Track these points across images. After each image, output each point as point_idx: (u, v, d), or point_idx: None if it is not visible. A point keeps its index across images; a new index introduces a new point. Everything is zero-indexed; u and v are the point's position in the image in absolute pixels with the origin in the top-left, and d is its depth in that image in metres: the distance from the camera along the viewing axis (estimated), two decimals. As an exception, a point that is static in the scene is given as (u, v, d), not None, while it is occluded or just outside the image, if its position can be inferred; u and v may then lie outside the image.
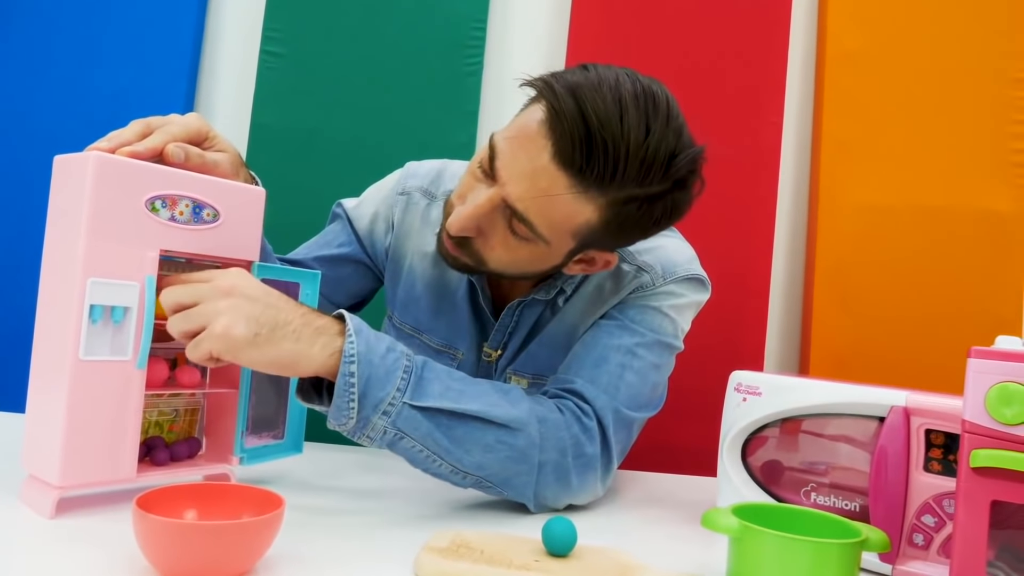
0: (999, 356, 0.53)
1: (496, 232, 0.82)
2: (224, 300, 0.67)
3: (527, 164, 0.77)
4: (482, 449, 0.77)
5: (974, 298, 1.53)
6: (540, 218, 0.79)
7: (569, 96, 0.74)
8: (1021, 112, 1.54)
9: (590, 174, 0.75)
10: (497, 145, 0.80)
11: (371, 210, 1.07)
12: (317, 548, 0.63)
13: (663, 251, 0.95)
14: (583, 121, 0.73)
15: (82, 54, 1.60)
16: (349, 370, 0.70)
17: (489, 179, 0.81)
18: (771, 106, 1.58)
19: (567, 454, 0.81)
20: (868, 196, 1.56)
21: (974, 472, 0.53)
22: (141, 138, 0.70)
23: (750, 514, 0.63)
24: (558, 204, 0.77)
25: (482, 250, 0.84)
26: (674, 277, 0.93)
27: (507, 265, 0.86)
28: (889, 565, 0.69)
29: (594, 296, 0.95)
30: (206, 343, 0.66)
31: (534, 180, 0.77)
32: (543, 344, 0.97)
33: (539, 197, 0.77)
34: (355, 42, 1.60)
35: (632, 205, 0.79)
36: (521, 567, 0.59)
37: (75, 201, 0.64)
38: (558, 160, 0.75)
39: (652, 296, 0.92)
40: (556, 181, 0.76)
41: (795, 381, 0.78)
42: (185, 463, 0.76)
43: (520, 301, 0.97)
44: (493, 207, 0.80)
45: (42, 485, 0.65)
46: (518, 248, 0.83)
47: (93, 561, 0.55)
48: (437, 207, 1.03)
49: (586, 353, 0.89)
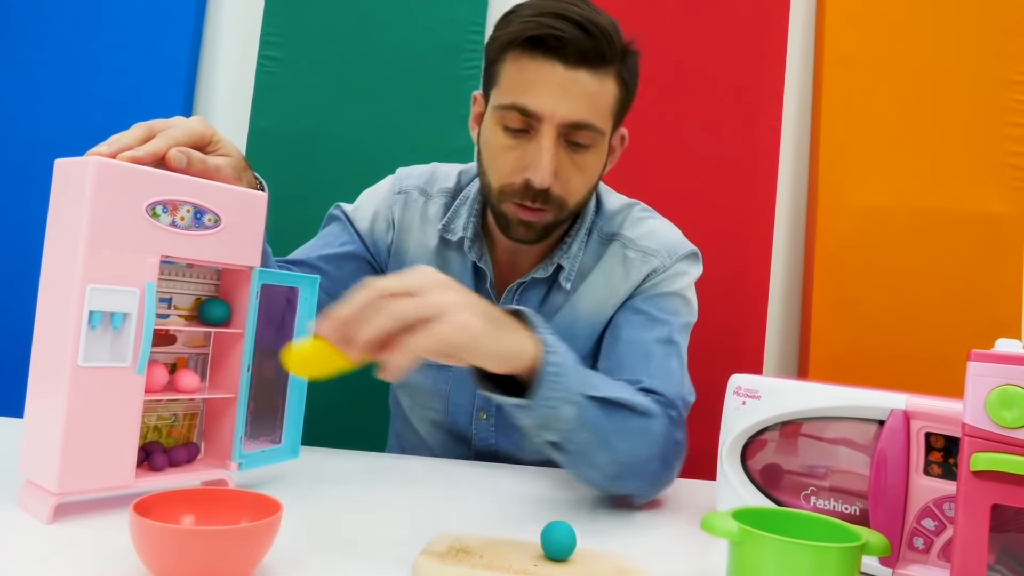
0: (999, 359, 0.53)
1: (565, 164, 0.91)
2: (451, 293, 0.65)
3: (554, 86, 0.87)
4: (631, 434, 0.81)
5: (972, 300, 1.53)
6: (593, 114, 0.89)
7: (537, 18, 0.86)
8: (1018, 115, 1.54)
9: (599, 54, 0.87)
10: (516, 101, 0.89)
11: (371, 211, 1.11)
12: (315, 553, 0.63)
13: (658, 233, 1.04)
14: (567, 21, 0.85)
15: (80, 59, 1.60)
16: (553, 360, 0.72)
17: (528, 132, 0.90)
18: (769, 109, 1.58)
19: (670, 441, 0.87)
20: (866, 199, 1.57)
21: (974, 475, 0.53)
22: (143, 142, 0.70)
23: (750, 518, 0.62)
24: (595, 96, 0.89)
25: (562, 192, 0.92)
26: (678, 256, 1.02)
27: (583, 186, 0.94)
28: (889, 569, 0.68)
29: (605, 286, 1.02)
30: (446, 332, 0.63)
31: (568, 91, 0.87)
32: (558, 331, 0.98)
33: (580, 98, 0.88)
34: (353, 46, 1.61)
35: (625, 69, 0.92)
36: (520, 572, 0.59)
37: (75, 206, 0.64)
38: (572, 63, 0.86)
39: (665, 281, 1.00)
40: (580, 79, 0.87)
41: (794, 384, 0.78)
42: (183, 468, 0.75)
43: (520, 283, 1.02)
44: (557, 141, 0.89)
45: (40, 491, 0.65)
46: (585, 161, 0.92)
47: (91, 566, 0.55)
48: (434, 204, 1.09)
49: (630, 353, 0.95)
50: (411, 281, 0.65)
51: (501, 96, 0.91)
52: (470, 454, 1.12)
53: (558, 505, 0.86)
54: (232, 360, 0.78)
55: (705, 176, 1.57)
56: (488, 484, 0.94)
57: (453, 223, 1.07)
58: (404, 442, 1.22)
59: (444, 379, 1.09)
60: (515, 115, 0.89)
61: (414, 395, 1.14)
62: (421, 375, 1.10)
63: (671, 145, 1.57)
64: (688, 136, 1.58)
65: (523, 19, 0.88)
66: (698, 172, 1.57)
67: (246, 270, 0.76)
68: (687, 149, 1.58)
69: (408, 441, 1.21)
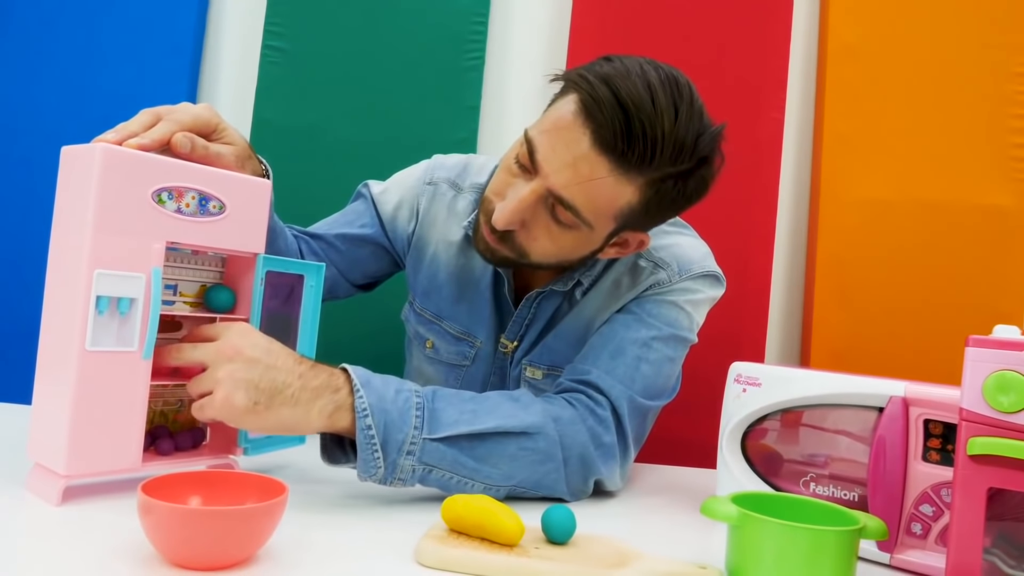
0: (997, 344, 0.54)
1: (539, 223, 0.85)
2: (226, 366, 0.69)
3: (567, 153, 0.80)
4: (508, 460, 0.79)
5: (974, 292, 1.53)
6: (585, 203, 0.82)
7: (603, 85, 0.78)
8: (1021, 107, 1.54)
9: (631, 156, 0.79)
10: (534, 139, 0.83)
11: (396, 197, 1.09)
12: (319, 536, 0.64)
13: (679, 248, 0.99)
14: (620, 107, 0.77)
15: (83, 50, 1.60)
16: (366, 423, 0.72)
17: (528, 173, 0.84)
18: (772, 101, 1.58)
19: (588, 446, 0.84)
20: (869, 190, 1.57)
21: (971, 460, 0.54)
22: (149, 128, 0.71)
23: (749, 502, 0.63)
24: (601, 188, 0.81)
25: (524, 242, 0.87)
26: (690, 274, 0.96)
27: (550, 254, 0.88)
28: (887, 554, 0.69)
29: (611, 291, 0.98)
30: (208, 410, 0.69)
31: (576, 168, 0.80)
32: (559, 337, 1.00)
33: (583, 183, 0.81)
34: (357, 37, 1.61)
35: (668, 183, 0.83)
36: (520, 554, 0.60)
37: (82, 193, 0.65)
38: (599, 146, 0.79)
39: (668, 292, 0.96)
40: (598, 166, 0.80)
41: (795, 372, 0.79)
42: (189, 453, 0.76)
43: (539, 292, 1.00)
44: (537, 199, 0.83)
45: (48, 474, 0.66)
46: (561, 236, 0.86)
47: (99, 548, 0.56)
48: (463, 199, 1.06)
49: (603, 345, 0.92)
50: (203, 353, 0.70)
51: (536, 123, 0.86)
52: None
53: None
54: (237, 346, 0.78)
55: (708, 167, 1.57)
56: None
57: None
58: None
59: (455, 378, 1.09)
60: (526, 150, 0.84)
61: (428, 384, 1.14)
62: (434, 369, 1.10)
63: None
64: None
65: (596, 75, 0.79)
66: (701, 163, 1.57)
67: (251, 256, 0.77)
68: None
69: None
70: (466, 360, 1.06)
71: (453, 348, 1.07)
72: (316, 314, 0.84)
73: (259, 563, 0.56)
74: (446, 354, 1.08)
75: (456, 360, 1.07)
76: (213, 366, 0.69)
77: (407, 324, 1.14)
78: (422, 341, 1.11)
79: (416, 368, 1.15)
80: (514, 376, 1.04)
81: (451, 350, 1.07)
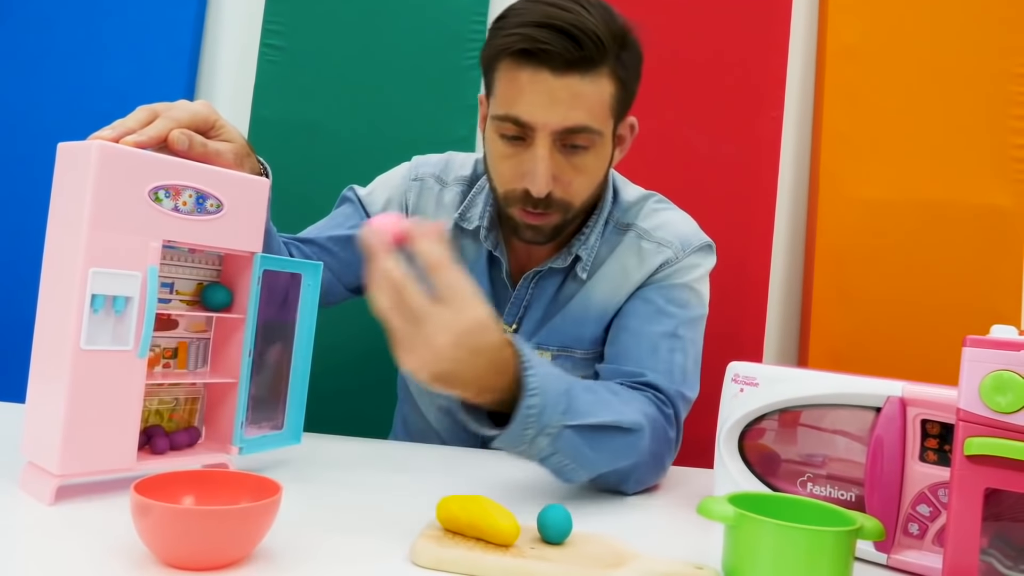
0: (994, 345, 0.54)
1: (564, 168, 0.91)
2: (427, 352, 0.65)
3: (543, 95, 0.87)
4: (612, 453, 0.82)
5: (973, 292, 1.53)
6: (586, 117, 0.88)
7: (521, 28, 0.86)
8: (1021, 107, 1.54)
9: (587, 57, 0.86)
10: (509, 112, 0.89)
11: (384, 196, 1.12)
12: (314, 536, 0.63)
13: (674, 225, 1.05)
14: (550, 30, 0.84)
15: (82, 48, 1.61)
16: (530, 403, 0.71)
17: (524, 140, 0.90)
18: (771, 100, 1.58)
19: (662, 442, 0.89)
20: (868, 190, 1.57)
21: (968, 460, 0.54)
22: (146, 125, 0.71)
23: (746, 503, 0.63)
24: (587, 98, 0.88)
25: (564, 194, 0.93)
26: (692, 248, 1.02)
27: (587, 187, 0.94)
28: (884, 554, 0.69)
29: (619, 275, 1.03)
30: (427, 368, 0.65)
31: (558, 99, 0.87)
32: (568, 318, 1.04)
33: (572, 104, 0.87)
34: (355, 35, 1.60)
35: (623, 57, 0.91)
36: (516, 554, 0.59)
37: (78, 190, 0.65)
38: (560, 70, 0.86)
39: (676, 272, 1.01)
40: (571, 84, 0.87)
41: (792, 372, 0.78)
42: (184, 452, 0.76)
43: (536, 272, 1.04)
44: (551, 148, 0.89)
45: (42, 472, 0.65)
46: (585, 162, 0.92)
47: (92, 547, 0.56)
48: (450, 191, 1.10)
49: (637, 344, 0.97)
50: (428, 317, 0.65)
51: (496, 106, 0.91)
52: (477, 441, 1.14)
53: (555, 490, 0.86)
54: (233, 345, 0.78)
55: (707, 167, 1.57)
56: (487, 470, 0.94)
57: (470, 212, 1.07)
58: (411, 427, 1.23)
59: None
60: (510, 125, 0.89)
61: None
62: None
63: (673, 136, 1.57)
64: (690, 127, 1.58)
65: (509, 31, 0.87)
66: (700, 163, 1.57)
67: (248, 255, 0.77)
68: (689, 140, 1.57)
69: (415, 426, 1.22)
70: None
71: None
72: (314, 314, 0.84)
73: (254, 563, 0.56)
74: None
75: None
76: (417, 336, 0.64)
77: None
78: None
79: None
80: None
81: None
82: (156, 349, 0.77)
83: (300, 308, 0.83)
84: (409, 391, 1.21)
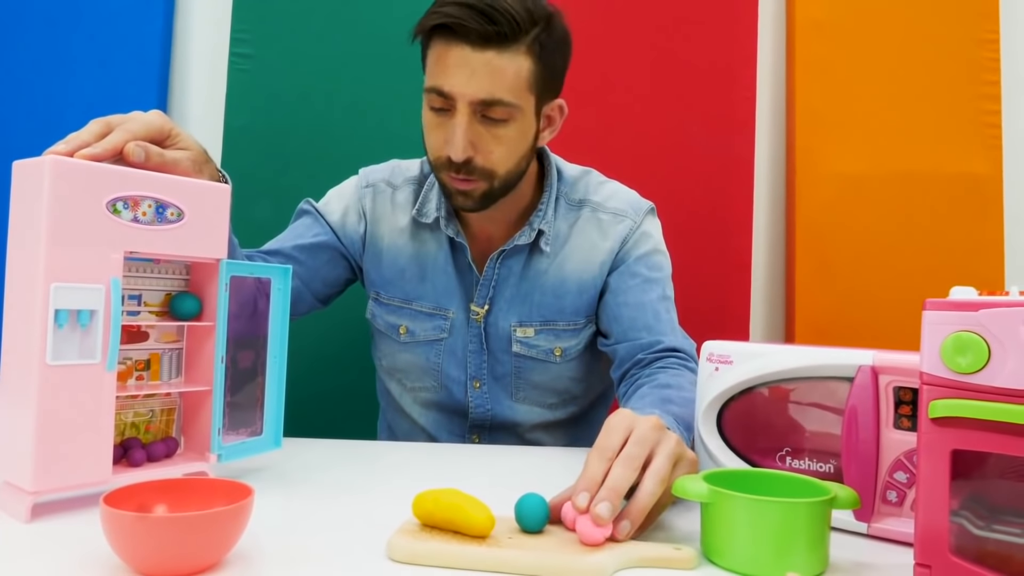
0: (952, 307, 0.54)
1: (484, 137, 0.97)
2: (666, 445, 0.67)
3: (461, 68, 0.93)
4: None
5: (956, 259, 1.53)
6: (502, 90, 0.94)
7: (441, 7, 0.93)
8: (991, 72, 1.54)
9: (501, 33, 0.92)
10: (433, 84, 0.96)
11: (341, 205, 1.16)
12: (292, 538, 0.63)
13: (620, 195, 1.14)
14: (465, 7, 0.91)
15: (51, 63, 1.60)
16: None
17: (447, 111, 0.97)
18: (742, 80, 1.58)
19: None
20: (845, 164, 1.57)
21: (933, 423, 0.54)
22: (100, 138, 0.70)
23: (721, 480, 0.63)
24: (503, 72, 0.94)
25: (485, 162, 0.98)
26: (643, 211, 1.13)
27: (508, 157, 0.99)
28: (864, 523, 0.69)
29: (587, 247, 1.10)
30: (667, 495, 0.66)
31: (475, 71, 0.93)
32: (548, 293, 1.10)
33: (487, 76, 0.93)
34: (324, 40, 1.60)
35: (543, 37, 0.96)
36: (493, 544, 0.59)
37: (34, 206, 0.64)
38: (477, 44, 0.92)
39: (642, 239, 1.11)
40: (487, 58, 0.93)
41: (765, 348, 0.78)
42: (162, 463, 0.76)
43: (501, 251, 1.08)
44: (471, 115, 0.95)
45: (17, 491, 0.65)
46: (506, 135, 0.97)
47: (69, 563, 0.56)
48: (402, 192, 1.15)
49: (642, 315, 1.07)
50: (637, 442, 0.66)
51: (426, 80, 0.98)
52: (466, 426, 1.15)
53: (533, 479, 0.86)
54: (206, 353, 0.78)
55: (682, 147, 1.57)
56: (466, 463, 0.94)
57: (425, 207, 1.12)
58: (396, 430, 1.23)
59: (435, 353, 1.13)
60: (435, 96, 0.96)
61: (405, 378, 1.17)
62: (411, 355, 1.13)
63: (646, 117, 1.57)
64: (663, 107, 1.58)
65: (435, 9, 0.94)
66: (675, 143, 1.57)
67: (214, 262, 0.76)
68: (663, 121, 1.57)
69: (400, 428, 1.22)
70: (443, 333, 1.13)
71: (428, 324, 1.13)
72: (286, 318, 0.84)
73: (228, 567, 0.56)
74: (422, 333, 1.13)
75: (433, 335, 1.13)
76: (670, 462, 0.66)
77: (374, 321, 1.17)
78: (395, 329, 1.15)
79: (390, 363, 1.18)
80: (500, 339, 1.10)
81: (426, 327, 1.13)
82: (128, 362, 0.77)
83: (272, 312, 0.83)
84: (391, 396, 1.21)
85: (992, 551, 0.53)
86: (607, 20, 1.58)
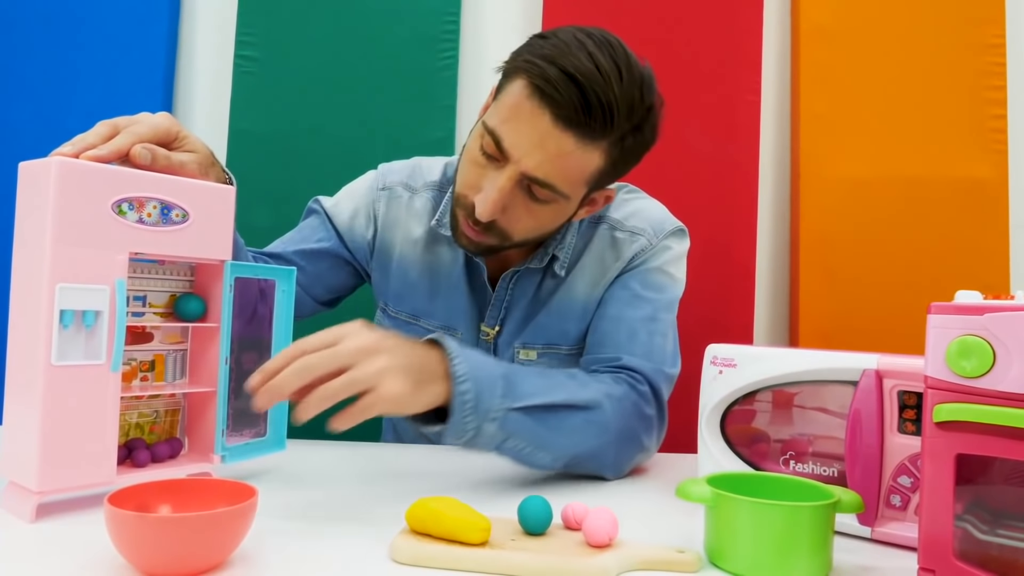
0: (957, 310, 0.54)
1: (518, 205, 0.89)
2: (375, 361, 0.69)
3: (533, 135, 0.84)
4: (572, 432, 0.84)
5: (961, 264, 1.53)
6: (559, 178, 0.87)
7: (550, 65, 0.81)
8: (996, 77, 1.54)
9: (593, 125, 0.83)
10: (497, 129, 0.86)
11: (351, 206, 1.11)
12: (295, 539, 0.63)
13: (646, 212, 1.05)
14: (572, 83, 0.81)
15: (57, 67, 1.60)
16: (462, 389, 0.74)
17: (497, 162, 0.88)
18: (747, 84, 1.58)
19: (633, 419, 0.90)
20: (849, 169, 1.57)
21: (938, 427, 0.54)
22: (107, 140, 0.71)
23: (724, 483, 0.63)
24: (571, 161, 0.86)
25: (507, 226, 0.91)
26: (664, 233, 1.03)
27: (531, 230, 0.94)
28: (868, 528, 0.69)
29: (597, 267, 1.03)
30: (378, 405, 0.69)
31: (544, 147, 0.84)
32: (553, 314, 1.04)
33: (553, 160, 0.85)
34: (329, 42, 1.61)
35: (628, 139, 0.88)
36: (497, 546, 0.59)
37: (40, 207, 0.65)
38: (561, 123, 0.83)
39: (651, 257, 1.02)
40: (564, 142, 0.84)
41: (769, 351, 0.78)
42: (167, 463, 0.76)
43: (514, 272, 1.03)
44: (514, 185, 0.87)
45: (22, 491, 0.65)
46: (540, 212, 0.91)
47: (75, 563, 0.56)
48: (420, 198, 1.08)
49: (616, 330, 0.98)
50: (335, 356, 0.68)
51: (492, 114, 0.88)
52: None
53: (536, 482, 0.86)
54: (211, 354, 0.78)
55: (687, 153, 1.57)
56: (470, 467, 0.94)
57: (447, 217, 1.03)
58: (401, 434, 1.23)
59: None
60: (491, 141, 0.87)
61: None
62: None
63: (651, 125, 1.57)
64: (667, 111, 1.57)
65: (540, 56, 0.82)
66: (679, 149, 1.57)
67: (218, 264, 0.77)
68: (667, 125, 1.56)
69: (404, 430, 1.22)
70: None
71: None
72: (290, 320, 0.84)
73: (232, 568, 0.56)
74: None
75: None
76: (360, 364, 0.68)
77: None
78: None
79: None
80: (505, 359, 1.05)
81: None
82: (133, 363, 0.77)
83: (276, 314, 0.83)
84: None
85: (996, 556, 0.53)
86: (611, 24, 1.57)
